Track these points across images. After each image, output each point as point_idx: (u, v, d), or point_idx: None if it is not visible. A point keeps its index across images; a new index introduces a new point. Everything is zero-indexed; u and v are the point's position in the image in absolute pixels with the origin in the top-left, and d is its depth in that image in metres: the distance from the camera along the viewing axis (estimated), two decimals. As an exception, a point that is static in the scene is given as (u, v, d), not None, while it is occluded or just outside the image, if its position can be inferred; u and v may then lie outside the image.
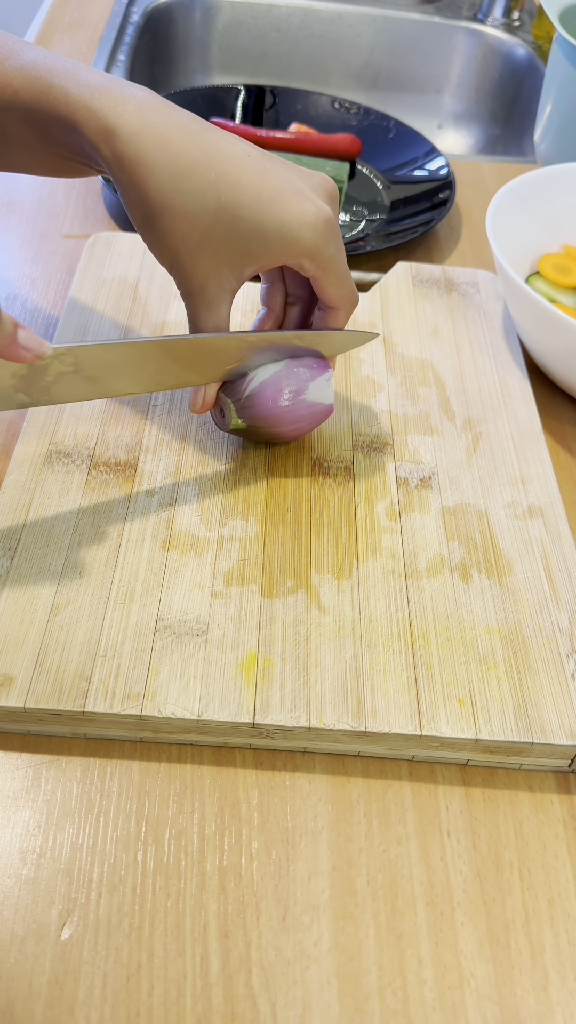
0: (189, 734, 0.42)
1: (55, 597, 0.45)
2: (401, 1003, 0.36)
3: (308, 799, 0.41)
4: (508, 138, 1.18)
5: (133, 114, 0.42)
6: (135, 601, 0.45)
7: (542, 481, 0.54)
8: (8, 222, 0.73)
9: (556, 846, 0.41)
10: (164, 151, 0.42)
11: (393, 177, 0.83)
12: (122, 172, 0.43)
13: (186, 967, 0.36)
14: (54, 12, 1.07)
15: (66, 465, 0.51)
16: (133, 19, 1.08)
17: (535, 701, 0.43)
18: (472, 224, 0.80)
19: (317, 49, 1.19)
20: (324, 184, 0.47)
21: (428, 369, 0.61)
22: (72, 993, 0.35)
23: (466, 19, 1.18)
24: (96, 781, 0.41)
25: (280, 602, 0.46)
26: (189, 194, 0.42)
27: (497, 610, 0.47)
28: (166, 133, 0.42)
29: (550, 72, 0.81)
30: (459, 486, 0.53)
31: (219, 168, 0.43)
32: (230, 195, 0.43)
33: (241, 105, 0.91)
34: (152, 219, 0.44)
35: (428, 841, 0.40)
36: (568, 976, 0.37)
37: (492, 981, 0.37)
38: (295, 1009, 0.35)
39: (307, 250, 0.45)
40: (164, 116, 0.43)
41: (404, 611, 0.46)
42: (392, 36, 1.18)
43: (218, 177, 0.43)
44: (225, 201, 0.43)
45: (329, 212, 0.45)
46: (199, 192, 0.42)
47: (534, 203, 0.67)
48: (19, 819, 0.39)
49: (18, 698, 0.41)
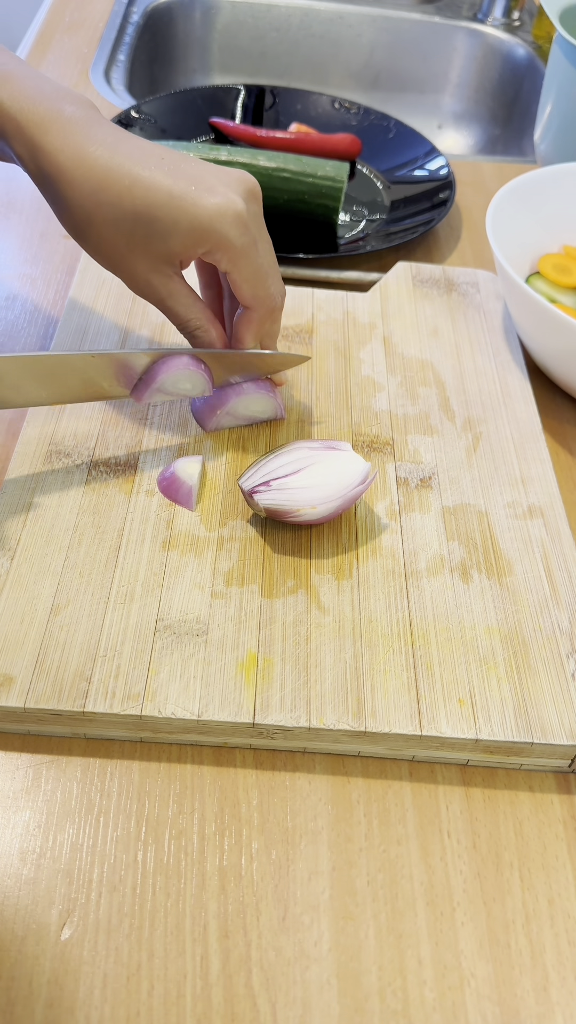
0: (189, 734, 0.42)
1: (55, 597, 0.45)
2: (401, 1003, 0.36)
3: (308, 799, 0.41)
4: (508, 138, 1.18)
5: (57, 132, 0.45)
6: (135, 601, 0.45)
7: (542, 481, 0.54)
8: (8, 222, 0.73)
9: (556, 846, 0.41)
10: (81, 166, 0.44)
11: (393, 177, 0.83)
12: (46, 188, 0.46)
13: (186, 967, 0.36)
14: (54, 12, 1.07)
15: (66, 465, 0.51)
16: (133, 19, 1.08)
17: (535, 701, 0.43)
18: (472, 224, 0.80)
19: (317, 49, 1.19)
20: (242, 179, 0.47)
21: (428, 369, 0.61)
22: (72, 993, 0.35)
23: (466, 19, 1.18)
24: (96, 781, 0.41)
25: (280, 602, 0.46)
26: (108, 204, 0.45)
27: (497, 610, 0.47)
28: (84, 148, 0.45)
29: (550, 72, 0.81)
30: (459, 486, 0.53)
31: (133, 174, 0.45)
32: (144, 197, 0.45)
33: (241, 105, 0.91)
34: (81, 230, 0.47)
35: (428, 841, 0.40)
36: (568, 976, 0.37)
37: (492, 981, 0.37)
38: (295, 1009, 0.35)
39: (217, 241, 0.46)
40: (84, 133, 0.45)
41: (404, 611, 0.46)
42: (392, 36, 1.18)
43: (132, 183, 0.45)
44: (140, 204, 0.45)
45: (240, 204, 0.46)
46: (116, 200, 0.45)
47: (534, 203, 0.67)
48: (19, 819, 0.39)
49: (18, 698, 0.41)
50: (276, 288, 0.49)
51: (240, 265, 0.47)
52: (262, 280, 0.48)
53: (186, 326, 0.50)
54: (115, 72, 0.99)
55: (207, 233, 0.45)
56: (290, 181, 0.75)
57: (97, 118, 0.46)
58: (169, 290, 0.48)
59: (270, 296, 0.49)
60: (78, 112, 0.45)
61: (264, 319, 0.50)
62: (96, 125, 0.46)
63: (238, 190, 0.47)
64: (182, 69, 1.20)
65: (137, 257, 0.47)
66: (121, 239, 0.46)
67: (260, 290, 0.48)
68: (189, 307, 0.49)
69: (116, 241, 0.46)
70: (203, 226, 0.45)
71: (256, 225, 0.48)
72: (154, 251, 0.46)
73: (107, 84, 0.95)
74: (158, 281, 0.48)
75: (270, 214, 0.75)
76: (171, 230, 0.45)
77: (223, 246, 0.46)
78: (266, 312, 0.50)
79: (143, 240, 0.46)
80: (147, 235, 0.46)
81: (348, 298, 0.65)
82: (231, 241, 0.46)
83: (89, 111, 0.46)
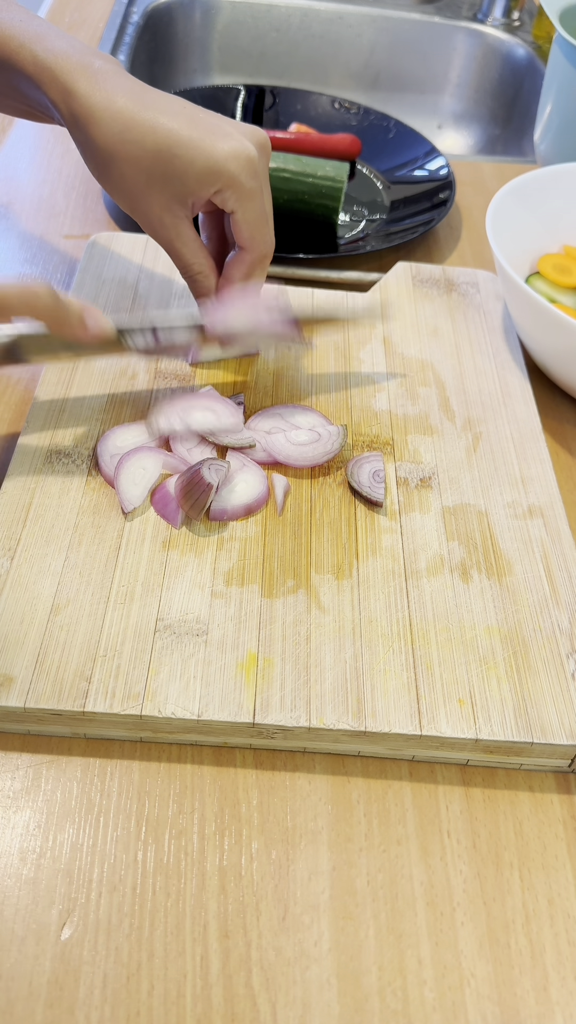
0: (189, 734, 0.42)
1: (55, 597, 0.45)
2: (401, 1003, 0.36)
3: (308, 799, 0.41)
4: (508, 138, 1.18)
5: (88, 80, 0.49)
6: (135, 601, 0.45)
7: (542, 481, 0.54)
8: (8, 222, 0.73)
9: (556, 846, 0.41)
10: (110, 108, 0.49)
11: (393, 177, 0.83)
12: (76, 128, 0.50)
13: (186, 967, 0.36)
14: (54, 12, 1.07)
15: (66, 465, 0.51)
16: (133, 19, 1.08)
17: (535, 701, 0.43)
18: (472, 224, 0.80)
19: (317, 49, 1.19)
20: (255, 132, 0.52)
21: (428, 369, 0.61)
22: (72, 993, 0.35)
23: (466, 19, 1.18)
24: (96, 781, 0.41)
25: (280, 602, 0.46)
26: (132, 142, 0.49)
27: (497, 610, 0.47)
28: (112, 94, 0.49)
29: (550, 72, 0.81)
30: (459, 486, 0.53)
31: (156, 119, 0.49)
32: (166, 137, 0.49)
33: (241, 105, 0.91)
34: (105, 167, 0.51)
35: (428, 841, 0.40)
36: (568, 976, 0.37)
37: (492, 981, 0.37)
38: (295, 1009, 0.35)
39: (228, 180, 0.50)
40: (113, 81, 0.50)
41: (404, 611, 0.46)
42: (392, 36, 1.18)
43: (155, 125, 0.49)
44: (162, 143, 0.49)
45: (252, 151, 0.50)
46: (139, 139, 0.49)
47: (534, 203, 0.67)
48: (19, 819, 0.39)
49: (18, 698, 0.41)
50: (272, 237, 0.54)
51: (246, 206, 0.51)
52: (261, 225, 0.52)
53: (189, 269, 0.54)
54: (115, 72, 0.99)
55: (220, 173, 0.49)
56: (290, 181, 0.75)
57: (123, 71, 0.51)
58: (179, 231, 0.52)
59: (266, 242, 0.53)
60: (106, 65, 0.50)
61: (255, 263, 0.53)
62: (122, 76, 0.50)
63: (252, 139, 0.51)
64: (182, 69, 1.20)
65: (154, 195, 0.51)
66: (141, 177, 0.50)
67: (258, 233, 0.52)
68: (195, 252, 0.53)
69: (136, 179, 0.50)
70: (217, 166, 0.49)
71: (264, 174, 0.52)
72: (170, 190, 0.50)
73: (107, 84, 0.95)
74: (170, 221, 0.52)
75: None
76: (187, 169, 0.49)
77: (233, 185, 0.50)
78: (259, 256, 0.53)
79: (161, 179, 0.50)
80: (165, 174, 0.49)
81: (348, 298, 0.65)
82: (241, 182, 0.50)
83: (116, 65, 0.51)
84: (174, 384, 0.57)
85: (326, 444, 0.53)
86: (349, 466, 0.52)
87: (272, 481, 0.51)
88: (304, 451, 0.52)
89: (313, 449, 0.53)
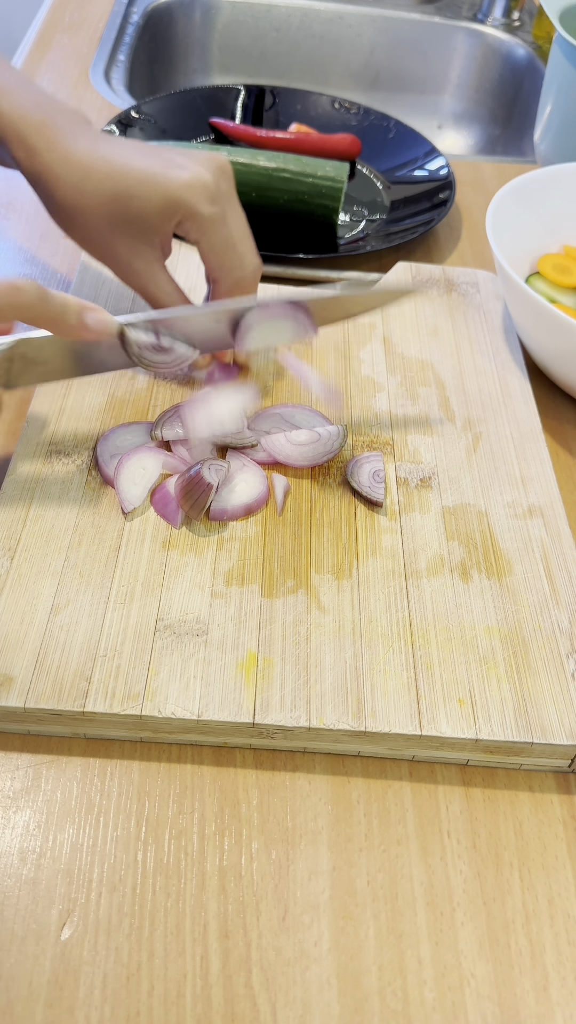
0: (189, 734, 0.42)
1: (55, 597, 0.45)
2: (401, 1003, 0.36)
3: (308, 799, 0.41)
4: (508, 138, 1.18)
5: (47, 137, 0.50)
6: (135, 601, 0.45)
7: (542, 481, 0.54)
8: (8, 222, 0.73)
9: (556, 846, 0.41)
10: (68, 163, 0.50)
11: (393, 177, 0.83)
12: (38, 185, 0.51)
13: (186, 967, 0.36)
14: (54, 12, 1.07)
15: (66, 465, 0.51)
16: (133, 19, 1.08)
17: (535, 701, 0.43)
18: (472, 224, 0.80)
19: (317, 49, 1.19)
20: (212, 158, 0.52)
21: (428, 369, 0.61)
22: (72, 993, 0.35)
23: (466, 19, 1.18)
24: (96, 781, 0.41)
25: (280, 602, 0.46)
26: (90, 192, 0.50)
27: (497, 610, 0.47)
28: (70, 148, 0.50)
29: (550, 72, 0.81)
30: (459, 486, 0.53)
31: (111, 163, 0.50)
32: (123, 179, 0.49)
33: (241, 105, 0.91)
34: (69, 219, 0.51)
35: (428, 841, 0.40)
36: (568, 976, 0.37)
37: (492, 981, 0.37)
38: (295, 1009, 0.35)
39: (187, 211, 0.50)
40: (70, 137, 0.50)
41: (404, 611, 0.46)
42: (392, 36, 1.18)
43: (111, 170, 0.49)
44: (120, 186, 0.49)
45: (208, 178, 0.50)
46: (97, 187, 0.49)
47: (534, 203, 0.67)
48: (19, 819, 0.39)
49: (18, 698, 0.41)
50: (248, 259, 0.53)
51: (208, 235, 0.51)
52: (228, 251, 0.52)
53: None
54: (115, 72, 0.99)
55: (177, 204, 0.50)
56: (290, 181, 0.75)
57: (84, 126, 0.51)
58: (151, 275, 0.52)
59: (238, 266, 0.52)
60: (67, 121, 0.51)
61: (231, 291, 0.53)
62: (81, 131, 0.51)
63: (207, 167, 0.51)
64: (182, 69, 1.20)
65: (120, 241, 0.51)
66: (103, 224, 0.50)
67: (227, 260, 0.52)
68: (169, 294, 0.53)
69: (99, 227, 0.50)
70: (174, 197, 0.49)
71: (226, 199, 0.51)
72: (133, 231, 0.50)
73: (107, 84, 0.95)
74: (140, 265, 0.52)
75: (270, 214, 0.75)
76: (145, 207, 0.49)
77: (192, 215, 0.50)
78: (232, 283, 0.52)
79: (123, 222, 0.50)
80: (125, 216, 0.50)
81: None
82: (199, 211, 0.50)
83: (77, 120, 0.51)
84: (174, 384, 0.57)
85: (326, 444, 0.53)
86: (349, 466, 0.52)
87: (272, 481, 0.51)
88: (304, 451, 0.53)
89: (313, 449, 0.53)
